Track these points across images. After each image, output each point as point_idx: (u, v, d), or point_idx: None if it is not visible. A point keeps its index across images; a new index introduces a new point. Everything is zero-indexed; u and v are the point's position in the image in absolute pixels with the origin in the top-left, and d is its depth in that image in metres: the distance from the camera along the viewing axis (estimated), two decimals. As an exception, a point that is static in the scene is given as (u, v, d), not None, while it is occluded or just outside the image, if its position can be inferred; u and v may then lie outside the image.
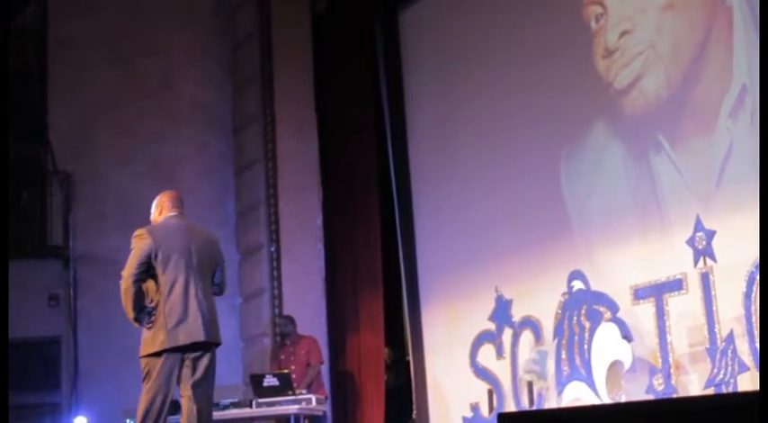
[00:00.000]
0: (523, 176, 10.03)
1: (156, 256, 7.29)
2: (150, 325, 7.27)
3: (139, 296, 7.27)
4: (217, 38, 13.53)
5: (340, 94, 12.70)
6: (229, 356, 12.50)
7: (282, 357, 11.40)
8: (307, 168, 12.88)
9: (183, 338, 7.21)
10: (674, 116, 8.57)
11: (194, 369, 7.31)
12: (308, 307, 12.34)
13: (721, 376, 7.76)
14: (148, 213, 7.94)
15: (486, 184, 10.51)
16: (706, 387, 7.90)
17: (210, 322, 7.34)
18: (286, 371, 10.70)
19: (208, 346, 7.35)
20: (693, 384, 8.13)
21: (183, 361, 7.29)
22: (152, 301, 7.33)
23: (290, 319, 11.58)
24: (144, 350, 7.31)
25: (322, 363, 11.49)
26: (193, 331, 7.23)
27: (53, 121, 12.96)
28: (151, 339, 7.26)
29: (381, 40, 12.18)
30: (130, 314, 7.27)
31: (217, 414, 10.26)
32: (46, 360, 12.64)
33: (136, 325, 7.35)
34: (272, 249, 12.64)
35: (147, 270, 7.29)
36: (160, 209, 7.71)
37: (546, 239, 9.70)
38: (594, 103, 9.35)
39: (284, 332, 11.55)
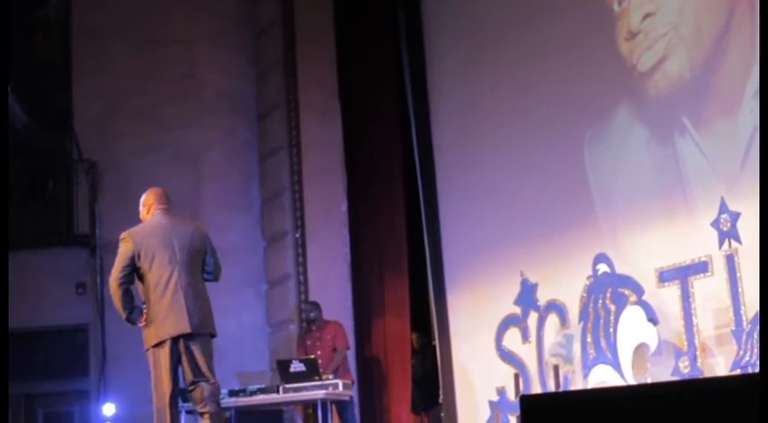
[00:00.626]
0: (548, 160, 10.02)
1: (139, 258, 7.64)
2: (143, 323, 7.66)
3: (127, 297, 7.65)
4: (240, 25, 13.55)
5: (363, 81, 12.71)
6: (256, 342, 12.58)
7: (308, 343, 11.43)
8: (331, 154, 12.89)
9: (170, 331, 7.56)
10: (698, 98, 8.54)
11: (190, 359, 7.63)
12: (333, 292, 12.38)
13: (747, 358, 7.74)
14: (173, 200, 8.11)
15: (511, 169, 10.50)
16: (732, 369, 7.88)
17: (196, 314, 7.64)
18: (312, 356, 10.74)
19: (199, 335, 7.66)
20: (720, 367, 8.12)
21: (178, 351, 7.61)
22: (143, 300, 7.69)
23: (315, 305, 11.62)
24: (145, 345, 7.69)
25: (348, 348, 11.52)
26: (180, 324, 7.56)
27: (78, 110, 13.03)
28: (147, 335, 7.66)
29: (404, 27, 12.17)
30: (122, 314, 7.67)
31: (244, 400, 10.36)
32: (74, 347, 12.73)
33: (130, 324, 7.74)
34: (297, 235, 12.67)
35: (132, 272, 7.67)
36: (147, 207, 8.05)
37: (570, 223, 9.69)
38: (618, 86, 9.33)
39: (309, 318, 11.58)
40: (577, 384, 9.35)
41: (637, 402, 3.39)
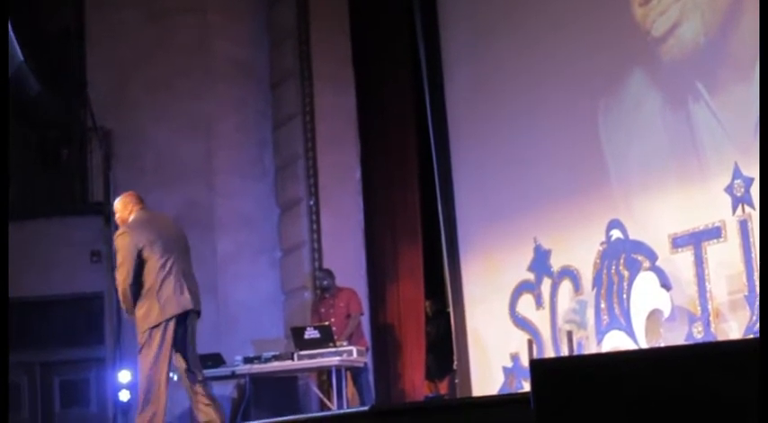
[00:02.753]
0: (561, 126, 10.00)
1: (142, 250, 7.89)
2: (141, 303, 7.90)
3: (135, 292, 7.91)
4: (253, -7, 13.55)
5: (377, 49, 12.68)
6: (270, 310, 12.61)
7: (322, 310, 11.47)
8: (344, 122, 12.89)
9: (175, 309, 7.86)
10: (712, 63, 8.51)
11: (192, 333, 8.02)
12: (347, 260, 12.40)
13: (760, 324, 7.75)
14: (187, 168, 8.18)
15: (525, 134, 10.48)
16: (745, 334, 7.88)
17: (194, 293, 8.00)
18: (327, 323, 10.77)
19: (196, 313, 8.06)
20: (733, 332, 8.12)
21: (177, 327, 7.88)
22: (143, 284, 7.92)
23: (329, 273, 11.65)
24: (142, 325, 7.88)
25: (362, 313, 11.55)
26: (184, 302, 7.88)
27: (92, 78, 13.02)
28: (146, 315, 7.87)
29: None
30: (124, 307, 8.06)
31: (258, 367, 10.42)
32: (89, 315, 12.78)
33: (128, 314, 8.18)
34: (311, 203, 12.68)
35: (138, 268, 7.88)
36: (129, 208, 8.24)
37: (584, 189, 9.68)
38: (632, 51, 9.29)
39: (323, 285, 11.62)
40: (591, 350, 9.35)
41: (648, 366, 3.39)
